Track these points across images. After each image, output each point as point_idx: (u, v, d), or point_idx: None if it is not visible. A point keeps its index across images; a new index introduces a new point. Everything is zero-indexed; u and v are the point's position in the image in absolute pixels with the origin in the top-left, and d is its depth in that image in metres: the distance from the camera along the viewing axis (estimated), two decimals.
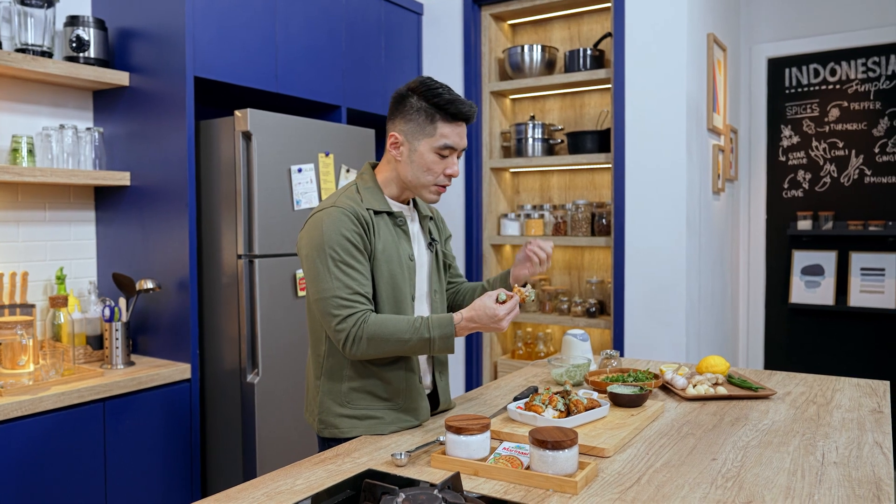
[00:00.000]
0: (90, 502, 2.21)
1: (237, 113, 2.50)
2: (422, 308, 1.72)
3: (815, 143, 3.89)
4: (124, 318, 2.49)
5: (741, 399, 1.84)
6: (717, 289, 3.59)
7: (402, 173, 1.65)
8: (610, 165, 3.33)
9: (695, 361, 3.14)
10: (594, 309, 3.42)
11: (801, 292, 3.89)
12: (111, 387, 2.27)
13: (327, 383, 1.63)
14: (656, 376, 1.94)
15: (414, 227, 1.74)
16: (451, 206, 3.67)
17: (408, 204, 1.74)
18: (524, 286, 1.62)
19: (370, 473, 1.31)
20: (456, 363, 3.70)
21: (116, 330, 2.45)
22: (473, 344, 3.65)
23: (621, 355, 3.20)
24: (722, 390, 1.86)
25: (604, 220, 3.37)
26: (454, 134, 1.62)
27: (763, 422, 1.64)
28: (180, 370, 2.47)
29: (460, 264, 3.67)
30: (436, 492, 1.13)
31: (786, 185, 3.97)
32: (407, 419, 1.62)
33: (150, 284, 2.50)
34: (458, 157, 1.67)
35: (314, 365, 1.68)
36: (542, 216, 3.59)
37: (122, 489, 2.30)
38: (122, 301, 2.53)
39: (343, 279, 1.53)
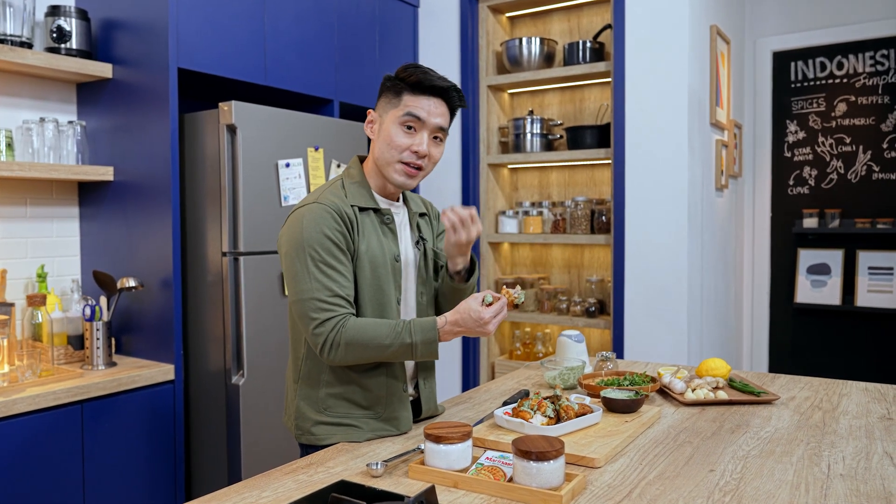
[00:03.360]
0: None
1: (222, 105, 2.42)
2: (406, 310, 1.63)
3: (821, 139, 3.78)
4: (105, 317, 2.41)
5: (742, 404, 1.75)
6: (719, 288, 3.49)
7: (373, 153, 1.58)
8: (610, 161, 3.24)
9: (697, 363, 3.04)
10: (594, 308, 3.33)
11: (807, 292, 3.79)
12: (89, 388, 2.19)
13: (305, 388, 1.55)
14: (654, 380, 1.85)
15: (402, 225, 1.65)
16: (447, 203, 3.59)
17: (398, 200, 1.65)
18: (513, 287, 1.53)
19: (342, 485, 1.23)
20: (452, 364, 3.61)
21: (97, 330, 2.37)
22: (470, 344, 3.56)
23: (621, 357, 3.11)
24: (722, 395, 1.77)
25: (604, 218, 3.28)
26: (419, 105, 1.51)
27: (765, 429, 1.54)
28: (163, 371, 2.39)
29: None
30: None
31: (791, 182, 3.87)
32: (387, 429, 1.53)
33: (132, 283, 2.42)
34: (439, 140, 1.55)
35: (293, 368, 1.59)
36: (540, 213, 3.50)
37: (101, 494, 2.23)
38: (104, 300, 2.45)
39: (323, 280, 1.44)
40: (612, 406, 1.61)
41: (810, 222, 3.77)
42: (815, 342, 3.82)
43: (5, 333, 2.14)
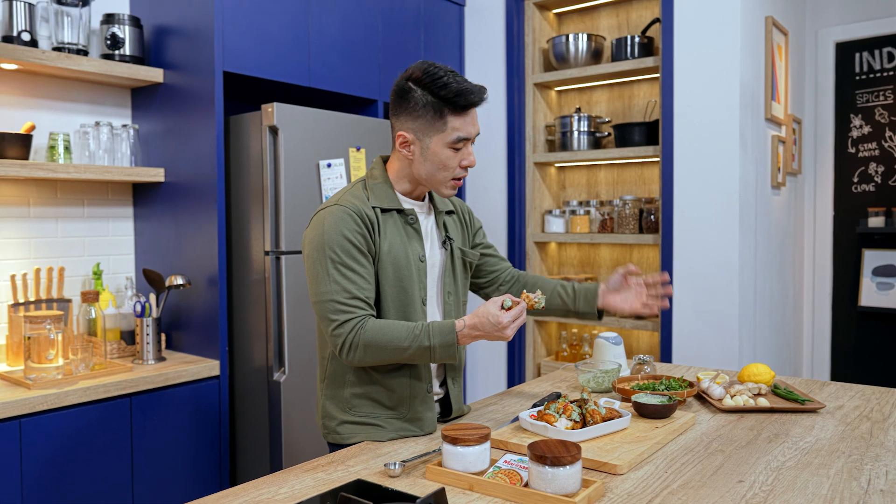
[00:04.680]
0: (116, 496, 2.22)
1: (265, 107, 2.47)
2: (433, 311, 1.62)
3: (888, 133, 3.58)
4: (154, 313, 2.49)
5: (784, 412, 1.67)
6: (776, 290, 3.35)
7: (416, 172, 1.56)
8: (659, 159, 3.16)
9: None
10: None
11: (872, 294, 3.60)
12: (138, 382, 2.27)
13: (330, 388, 1.56)
14: (691, 384, 1.79)
15: (427, 225, 1.64)
16: (493, 202, 3.57)
17: (423, 199, 1.65)
18: (534, 293, 1.51)
19: (357, 484, 1.23)
20: (497, 364, 3.59)
21: (147, 326, 2.45)
22: (516, 344, 3.53)
23: (669, 360, 3.02)
24: (763, 402, 1.69)
25: (652, 217, 3.19)
26: (466, 124, 1.51)
27: (805, 439, 1.47)
28: (209, 367, 2.46)
29: None
30: None
31: (856, 179, 3.68)
32: (411, 429, 1.53)
33: (179, 280, 2.50)
34: (472, 143, 1.57)
35: (319, 368, 1.61)
36: (587, 212, 3.44)
37: (148, 484, 2.31)
38: (153, 297, 2.54)
39: (342, 282, 1.45)
40: (642, 411, 1.56)
41: (876, 221, 3.57)
42: (880, 348, 3.62)
43: (60, 328, 2.24)
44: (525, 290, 1.51)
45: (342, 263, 1.45)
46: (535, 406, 1.65)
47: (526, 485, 1.19)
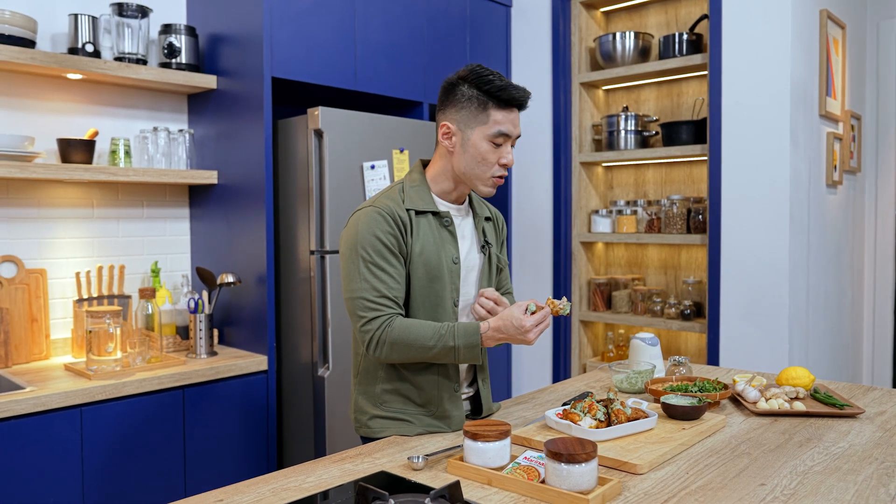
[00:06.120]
0: (169, 482, 2.34)
1: (310, 111, 2.55)
2: (467, 313, 1.65)
3: None
4: (207, 310, 2.61)
5: (821, 417, 1.63)
6: (831, 292, 3.24)
7: (455, 165, 1.59)
8: (707, 157, 3.10)
9: None
10: (689, 311, 3.20)
11: None
12: (190, 375, 2.38)
13: (363, 383, 1.62)
14: (726, 387, 1.77)
15: (465, 228, 1.67)
16: (539, 202, 3.57)
17: (462, 203, 1.68)
18: (559, 298, 1.52)
19: (381, 475, 1.28)
20: (542, 364, 3.59)
21: (200, 321, 2.57)
22: (561, 344, 3.53)
23: (717, 363, 2.97)
24: (799, 406, 1.66)
25: (700, 217, 3.14)
26: (507, 121, 1.55)
27: (838, 444, 1.44)
28: (257, 362, 2.56)
29: (547, 263, 3.55)
30: (427, 500, 1.08)
31: None
32: (439, 426, 1.57)
33: (230, 278, 2.60)
34: (512, 146, 1.60)
35: (353, 364, 1.67)
36: (634, 212, 3.40)
37: (200, 472, 2.42)
38: (206, 294, 2.65)
39: (371, 281, 1.50)
40: (670, 412, 1.56)
41: None
42: None
43: (119, 323, 2.38)
44: (550, 297, 1.52)
45: (373, 263, 1.50)
46: (564, 405, 1.66)
47: (542, 481, 1.21)
